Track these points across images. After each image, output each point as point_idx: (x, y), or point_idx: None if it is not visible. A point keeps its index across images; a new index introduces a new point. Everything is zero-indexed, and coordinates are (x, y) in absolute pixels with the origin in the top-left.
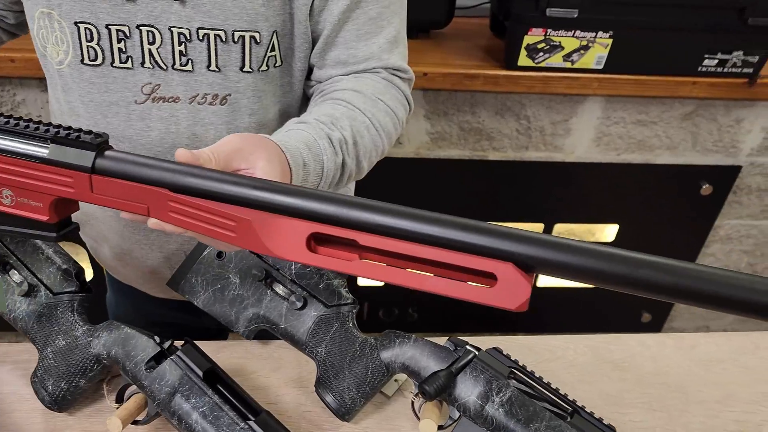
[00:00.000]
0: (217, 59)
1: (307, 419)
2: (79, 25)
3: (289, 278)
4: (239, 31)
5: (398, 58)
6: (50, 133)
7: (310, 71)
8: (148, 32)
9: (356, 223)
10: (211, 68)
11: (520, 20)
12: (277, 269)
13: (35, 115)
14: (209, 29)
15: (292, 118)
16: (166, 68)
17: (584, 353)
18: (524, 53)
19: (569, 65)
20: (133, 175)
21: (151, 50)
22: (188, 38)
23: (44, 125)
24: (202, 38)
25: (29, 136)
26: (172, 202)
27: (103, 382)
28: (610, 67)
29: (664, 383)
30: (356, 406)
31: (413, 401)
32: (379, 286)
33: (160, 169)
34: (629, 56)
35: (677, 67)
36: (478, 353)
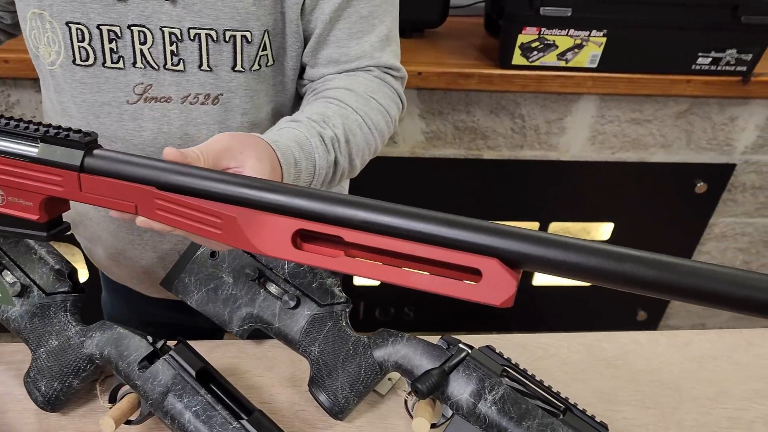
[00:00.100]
0: (208, 59)
1: (300, 418)
2: (70, 25)
3: (282, 277)
4: (230, 30)
5: (390, 56)
6: (40, 132)
7: (302, 70)
8: (139, 32)
9: (341, 219)
10: (202, 68)
11: (514, 19)
12: (270, 269)
13: (30, 115)
14: (200, 29)
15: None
16: (157, 68)
17: (578, 351)
18: (518, 52)
19: (563, 64)
20: (120, 173)
21: (142, 50)
22: (179, 38)
23: (34, 125)
24: (193, 38)
25: (19, 135)
26: (158, 200)
27: (96, 382)
28: (604, 65)
29: (657, 380)
30: (349, 404)
31: (406, 400)
32: (375, 285)
33: (146, 167)
34: (623, 55)
35: (671, 65)
36: (470, 351)
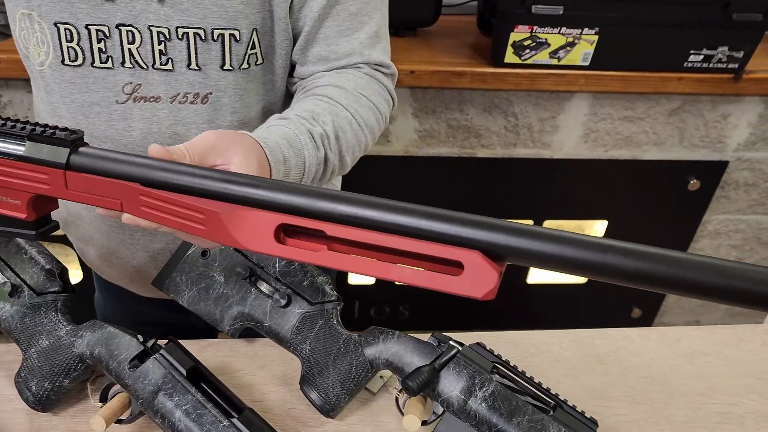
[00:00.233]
0: (197, 58)
1: (292, 416)
2: (58, 25)
3: (273, 276)
4: (219, 29)
5: (380, 53)
6: (26, 131)
7: (292, 68)
8: (127, 32)
9: (323, 213)
10: (191, 67)
11: (506, 17)
12: (261, 267)
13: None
14: (188, 28)
15: None
16: (146, 68)
17: (569, 348)
18: (511, 50)
19: (555, 62)
20: (105, 170)
21: (131, 50)
22: (168, 37)
23: (21, 123)
24: (181, 37)
25: (6, 134)
26: (143, 196)
27: (87, 381)
28: (596, 63)
29: (648, 377)
30: (340, 402)
31: (397, 397)
32: (369, 284)
33: (131, 164)
34: (615, 53)
35: (663, 63)
36: (461, 349)
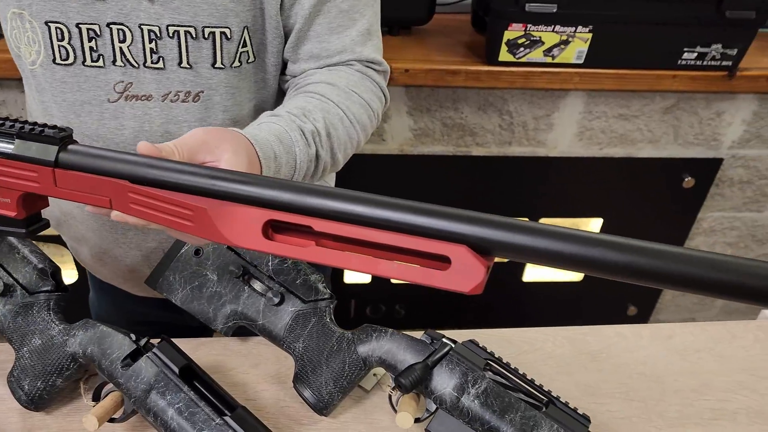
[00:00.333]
0: (188, 56)
1: (285, 414)
2: (49, 24)
3: (266, 274)
4: (209, 27)
5: (372, 50)
6: (15, 129)
7: (284, 66)
8: (118, 30)
9: (310, 209)
10: (182, 65)
11: (500, 16)
12: (254, 266)
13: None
14: (179, 26)
15: None
16: (137, 66)
17: (562, 345)
18: (505, 49)
19: (550, 60)
20: (94, 167)
21: (122, 48)
22: (158, 35)
23: (10, 121)
24: (172, 35)
25: None
26: (132, 193)
27: (80, 380)
28: (590, 61)
29: (640, 373)
30: (334, 400)
31: (391, 395)
32: (366, 283)
33: (120, 161)
34: (609, 50)
35: (657, 60)
36: (454, 346)
